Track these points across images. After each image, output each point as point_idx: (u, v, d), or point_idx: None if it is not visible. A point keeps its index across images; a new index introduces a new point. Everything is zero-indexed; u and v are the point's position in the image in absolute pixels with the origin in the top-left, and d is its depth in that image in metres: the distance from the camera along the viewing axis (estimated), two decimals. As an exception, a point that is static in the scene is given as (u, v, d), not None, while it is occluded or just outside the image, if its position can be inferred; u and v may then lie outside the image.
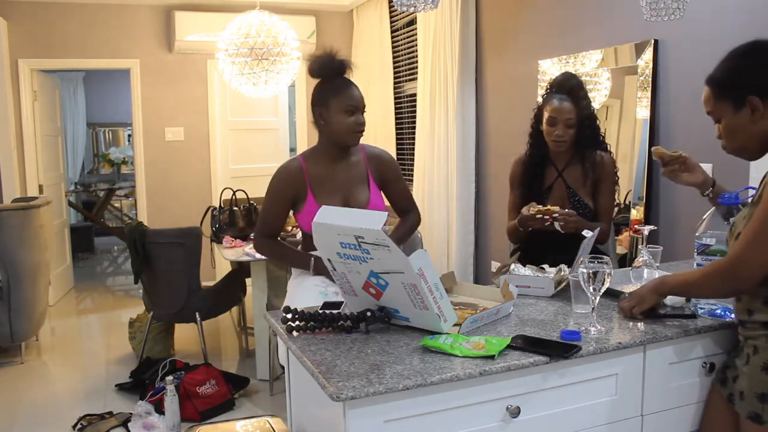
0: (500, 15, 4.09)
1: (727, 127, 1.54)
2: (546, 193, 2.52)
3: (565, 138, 2.42)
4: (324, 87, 2.32)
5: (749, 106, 1.48)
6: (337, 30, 6.19)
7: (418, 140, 4.91)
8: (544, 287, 1.97)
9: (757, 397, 1.45)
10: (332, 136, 2.32)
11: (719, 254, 1.65)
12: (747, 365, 1.49)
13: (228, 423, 1.93)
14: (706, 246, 1.67)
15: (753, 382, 1.46)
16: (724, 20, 2.54)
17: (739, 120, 1.50)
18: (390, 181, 2.46)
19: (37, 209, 4.15)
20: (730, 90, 1.51)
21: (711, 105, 1.57)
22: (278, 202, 2.36)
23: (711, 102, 1.56)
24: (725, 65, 1.54)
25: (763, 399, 1.43)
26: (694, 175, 1.89)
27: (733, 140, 1.55)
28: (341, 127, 2.28)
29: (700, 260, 1.70)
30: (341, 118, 2.27)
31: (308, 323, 1.64)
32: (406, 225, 2.54)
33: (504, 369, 1.41)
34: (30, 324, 4.11)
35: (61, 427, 3.17)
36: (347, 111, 2.27)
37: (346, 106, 2.26)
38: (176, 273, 3.74)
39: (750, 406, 1.46)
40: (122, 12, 5.57)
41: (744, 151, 1.56)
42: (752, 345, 1.49)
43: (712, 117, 1.58)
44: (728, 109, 1.52)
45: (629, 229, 2.98)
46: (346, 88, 2.29)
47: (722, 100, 1.53)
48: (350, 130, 2.28)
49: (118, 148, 9.61)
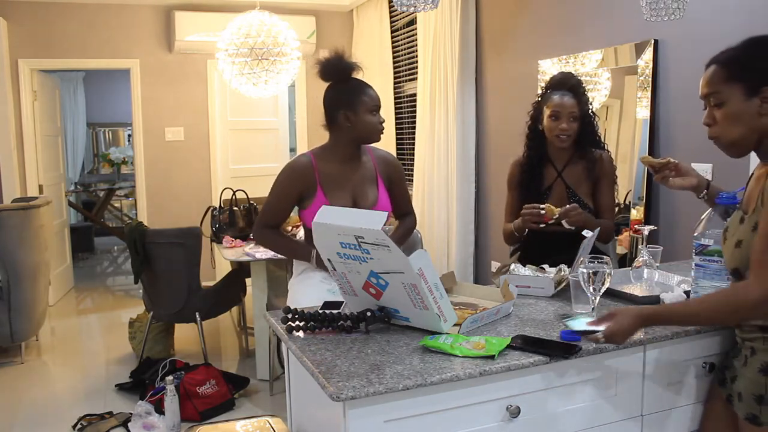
0: (500, 15, 4.09)
1: (730, 114, 1.44)
2: (545, 194, 2.51)
3: (570, 132, 2.40)
4: (344, 89, 2.33)
5: (760, 97, 1.40)
6: (337, 30, 6.19)
7: (418, 140, 4.91)
8: (544, 287, 1.97)
9: (754, 398, 1.43)
10: (359, 136, 2.35)
11: (716, 254, 1.62)
12: (745, 366, 1.48)
13: (228, 423, 1.93)
14: (704, 246, 1.66)
15: (750, 383, 1.45)
16: (724, 20, 2.54)
17: (747, 109, 1.42)
18: (394, 183, 2.50)
19: (37, 209, 4.15)
20: (746, 74, 1.42)
21: (716, 86, 1.46)
22: (285, 197, 2.37)
23: (716, 83, 1.46)
24: (745, 51, 1.45)
25: (760, 401, 1.42)
26: (688, 179, 1.84)
27: (730, 129, 1.45)
28: (369, 127, 2.33)
29: (699, 260, 1.68)
30: (369, 118, 2.32)
31: (308, 323, 1.64)
32: (403, 228, 2.56)
33: (504, 369, 1.41)
34: (30, 324, 4.11)
35: (61, 427, 3.17)
36: (373, 111, 2.33)
37: (372, 106, 2.32)
38: (176, 273, 3.74)
39: (748, 407, 1.45)
40: (122, 12, 5.57)
41: (736, 146, 1.48)
42: (749, 347, 1.48)
43: (711, 99, 1.48)
44: (737, 94, 1.43)
45: (629, 229, 2.98)
46: (368, 88, 2.34)
47: (733, 83, 1.43)
48: (377, 129, 2.37)
49: (118, 148, 9.61)
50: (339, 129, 2.34)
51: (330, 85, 2.35)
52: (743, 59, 1.45)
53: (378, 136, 2.39)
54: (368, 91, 2.33)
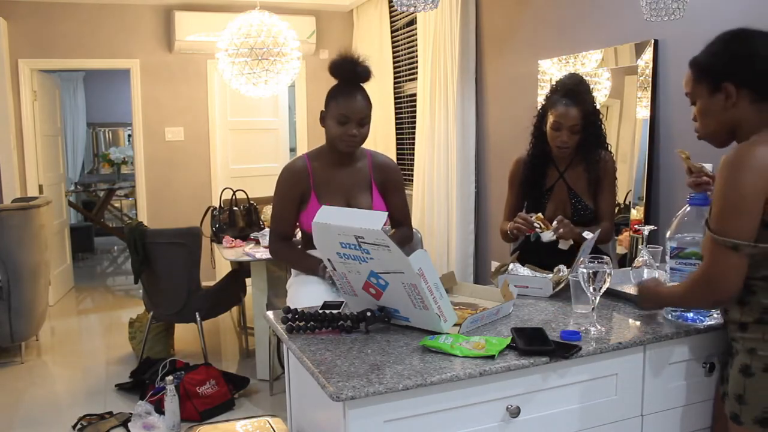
0: (500, 15, 4.09)
1: (701, 111, 1.57)
2: (547, 194, 2.51)
3: (569, 144, 2.40)
4: (333, 89, 2.32)
5: (724, 92, 1.50)
6: (337, 30, 6.19)
7: (418, 140, 4.91)
8: (542, 287, 1.97)
9: (735, 398, 1.47)
10: (326, 138, 2.35)
11: (694, 257, 1.63)
12: (731, 367, 1.51)
13: (228, 423, 1.94)
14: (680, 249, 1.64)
15: (733, 382, 1.49)
16: (723, 20, 2.53)
17: (713, 105, 1.53)
18: (390, 191, 2.46)
19: (37, 209, 4.15)
20: (709, 74, 1.53)
21: (690, 86, 1.59)
22: (287, 202, 2.36)
23: (690, 84, 1.59)
24: (709, 49, 1.56)
25: (739, 400, 1.46)
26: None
27: (705, 125, 1.58)
28: (331, 132, 2.30)
29: (674, 264, 1.66)
30: (332, 124, 2.28)
31: (308, 323, 1.64)
32: (399, 235, 2.48)
33: (504, 369, 1.41)
34: (30, 324, 4.11)
35: (61, 427, 3.17)
36: (339, 120, 2.26)
37: (339, 114, 2.25)
38: (176, 273, 3.73)
39: (730, 406, 1.49)
40: (122, 12, 5.57)
41: (713, 137, 1.59)
42: (734, 347, 1.51)
43: (689, 99, 1.61)
44: (704, 92, 1.54)
45: (629, 229, 2.98)
46: (346, 96, 2.26)
47: (700, 83, 1.55)
48: (338, 138, 2.28)
49: (118, 148, 9.60)
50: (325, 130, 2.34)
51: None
52: (705, 59, 1.55)
53: (342, 145, 2.28)
54: (345, 100, 2.25)
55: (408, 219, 2.57)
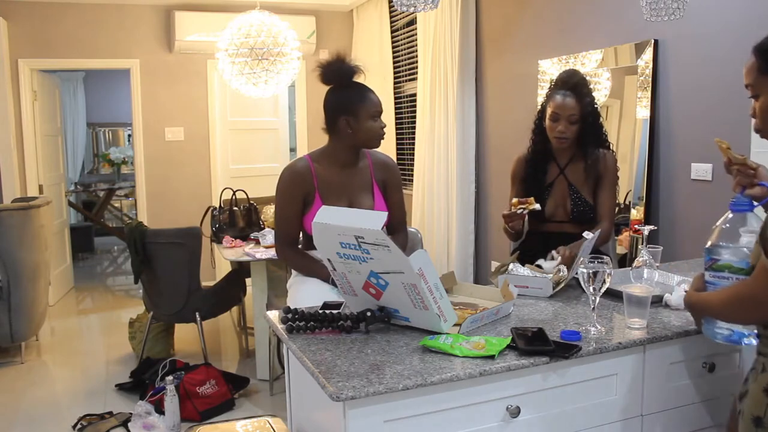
0: (500, 15, 4.09)
1: (764, 108, 1.35)
2: (547, 190, 2.51)
3: (568, 134, 2.40)
4: (344, 94, 2.30)
5: None
6: (337, 30, 6.19)
7: (418, 140, 4.91)
8: (542, 287, 1.97)
9: (752, 420, 1.28)
10: (359, 142, 2.34)
11: (727, 269, 1.40)
12: (754, 383, 1.31)
13: (228, 423, 1.94)
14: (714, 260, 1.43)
15: (752, 402, 1.29)
16: (723, 20, 2.54)
17: None
18: (389, 188, 2.48)
19: (37, 209, 4.15)
20: None
21: (750, 77, 1.37)
22: (291, 203, 2.35)
23: (753, 74, 1.36)
24: None
25: (757, 423, 1.27)
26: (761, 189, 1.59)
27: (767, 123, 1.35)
28: (371, 133, 2.32)
29: (708, 276, 1.46)
30: (370, 124, 2.31)
31: (308, 323, 1.64)
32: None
33: (504, 369, 1.41)
34: (30, 324, 4.11)
35: (61, 427, 3.17)
36: (374, 117, 2.31)
37: (373, 112, 2.30)
38: (176, 273, 3.73)
39: (746, 427, 1.30)
40: (122, 12, 5.57)
41: None
42: (762, 362, 1.30)
43: (749, 92, 1.39)
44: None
45: (629, 229, 2.98)
46: (369, 93, 2.32)
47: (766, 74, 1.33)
48: (378, 135, 2.35)
49: (118, 148, 9.60)
50: (339, 134, 2.32)
51: (331, 89, 2.33)
52: None
53: (378, 141, 2.37)
54: (370, 97, 2.31)
55: (403, 218, 2.57)
